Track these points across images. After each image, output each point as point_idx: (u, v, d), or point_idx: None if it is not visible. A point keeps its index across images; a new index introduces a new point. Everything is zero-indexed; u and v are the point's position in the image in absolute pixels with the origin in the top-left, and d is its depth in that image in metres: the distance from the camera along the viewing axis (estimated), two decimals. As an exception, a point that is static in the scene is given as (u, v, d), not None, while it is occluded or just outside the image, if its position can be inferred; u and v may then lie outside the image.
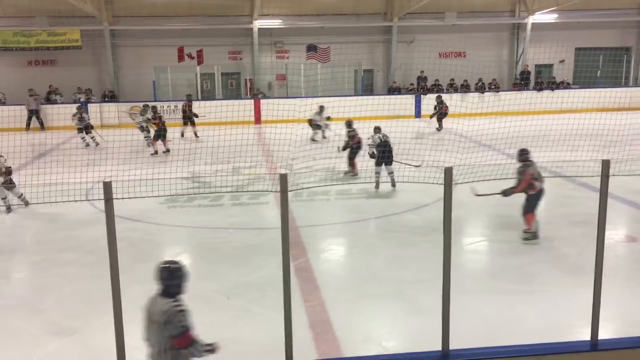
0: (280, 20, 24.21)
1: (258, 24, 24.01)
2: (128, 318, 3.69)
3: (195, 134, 19.07)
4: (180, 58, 23.88)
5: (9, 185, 10.43)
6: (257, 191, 11.30)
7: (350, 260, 8.10)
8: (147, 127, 17.44)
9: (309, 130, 17.59)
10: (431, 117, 20.09)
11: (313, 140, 17.76)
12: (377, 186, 11.45)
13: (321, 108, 18.06)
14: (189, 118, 19.43)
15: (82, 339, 5.61)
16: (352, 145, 12.41)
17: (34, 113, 21.76)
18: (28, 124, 21.57)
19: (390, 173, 11.31)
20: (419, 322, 5.77)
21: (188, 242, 9.01)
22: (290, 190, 3.26)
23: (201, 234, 9.10)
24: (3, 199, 10.45)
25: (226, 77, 25.56)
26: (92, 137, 18.02)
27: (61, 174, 11.11)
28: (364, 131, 12.02)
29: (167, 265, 3.68)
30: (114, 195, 3.28)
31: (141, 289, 6.43)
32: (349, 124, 12.67)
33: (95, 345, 5.41)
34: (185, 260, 8.26)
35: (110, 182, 3.17)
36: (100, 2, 22.28)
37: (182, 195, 11.13)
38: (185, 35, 23.52)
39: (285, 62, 25.17)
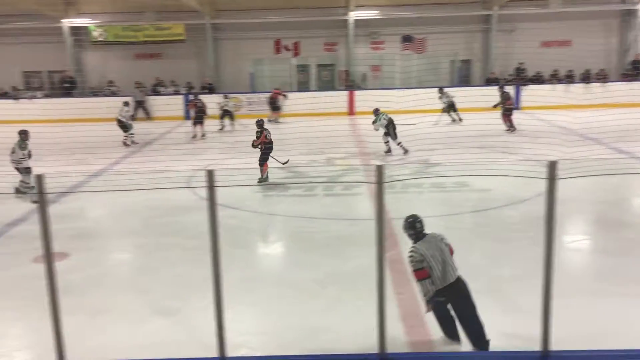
0: (377, 11, 24.08)
1: (354, 15, 24.02)
2: (226, 301, 3.83)
3: (275, 120, 20.25)
4: (277, 50, 24.37)
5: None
6: (351, 182, 11.36)
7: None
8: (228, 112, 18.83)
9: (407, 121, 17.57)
10: (495, 107, 17.44)
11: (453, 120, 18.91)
12: (389, 151, 13.85)
13: (440, 89, 19.30)
14: (273, 106, 21.14)
15: (183, 319, 5.90)
16: (262, 144, 11.46)
17: (140, 104, 23.02)
18: (135, 114, 22.85)
19: (399, 143, 13.64)
20: (515, 320, 5.60)
21: (283, 231, 9.23)
22: (385, 182, 3.26)
23: (295, 223, 9.28)
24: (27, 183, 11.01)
25: (321, 68, 25.81)
26: (128, 135, 17.13)
27: (165, 162, 11.73)
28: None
29: (417, 217, 5.09)
30: (216, 183, 3.42)
31: (238, 274, 6.71)
32: (259, 123, 11.81)
33: (195, 326, 5.68)
34: (279, 248, 8.52)
35: (213, 170, 3.30)
36: (203, -4, 23.13)
37: (277, 184, 11.39)
38: (282, 28, 23.96)
39: (380, 53, 25.06)
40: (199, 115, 17.87)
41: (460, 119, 18.86)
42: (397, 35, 23.93)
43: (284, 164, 10.92)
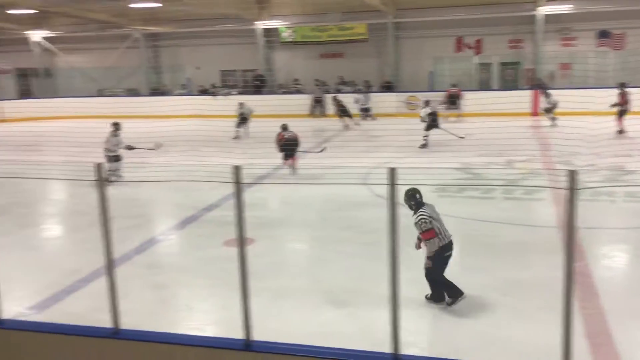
0: (570, 5, 22.45)
1: (544, 10, 22.66)
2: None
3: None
4: (459, 48, 23.85)
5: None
6: (537, 186, 10.76)
7: (637, 270, 7.25)
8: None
9: (601, 125, 16.22)
10: (613, 106, 16.33)
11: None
12: (426, 145, 15.51)
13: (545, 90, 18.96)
14: (452, 105, 20.98)
15: (355, 312, 6.05)
16: (283, 144, 13.05)
17: (318, 101, 24.03)
18: (312, 111, 23.89)
19: (425, 136, 15.61)
20: None
21: (456, 233, 8.92)
22: (578, 188, 3.04)
23: (470, 226, 9.01)
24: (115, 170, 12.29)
25: (504, 66, 24.75)
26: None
27: (343, 158, 12.09)
28: None
29: (416, 189, 5.87)
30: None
31: (411, 274, 6.68)
32: (284, 126, 13.39)
33: (367, 319, 5.79)
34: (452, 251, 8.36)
35: (395, 168, 3.34)
36: (387, -4, 23.37)
37: (453, 185, 11.17)
38: (464, 25, 23.39)
39: (571, 50, 23.36)
40: (342, 111, 20.66)
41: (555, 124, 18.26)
42: (592, 31, 22.13)
43: (320, 152, 12.88)
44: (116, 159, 12.55)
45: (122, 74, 27.67)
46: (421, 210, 5.81)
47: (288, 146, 12.98)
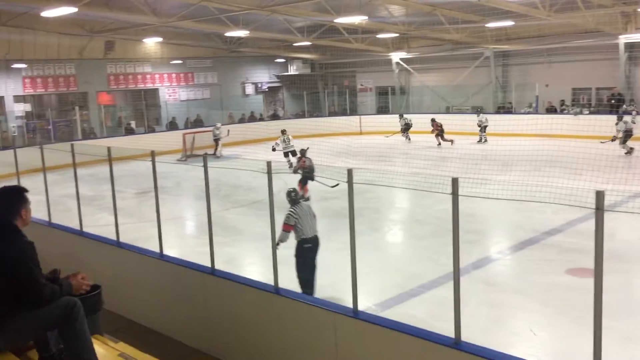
0: None
1: None
2: None
3: None
4: None
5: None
6: None
7: None
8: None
9: None
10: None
11: None
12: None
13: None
14: None
15: None
16: (301, 170, 13.24)
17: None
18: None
19: None
20: None
21: None
22: None
23: None
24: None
25: None
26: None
27: None
28: None
29: (294, 189, 7.33)
30: None
31: None
32: (302, 152, 13.67)
33: None
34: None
35: None
36: None
37: None
38: None
39: None
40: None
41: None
42: None
43: (332, 187, 11.40)
44: (291, 154, 16.72)
45: (469, 92, 28.30)
46: (292, 207, 6.96)
47: (308, 174, 12.98)
